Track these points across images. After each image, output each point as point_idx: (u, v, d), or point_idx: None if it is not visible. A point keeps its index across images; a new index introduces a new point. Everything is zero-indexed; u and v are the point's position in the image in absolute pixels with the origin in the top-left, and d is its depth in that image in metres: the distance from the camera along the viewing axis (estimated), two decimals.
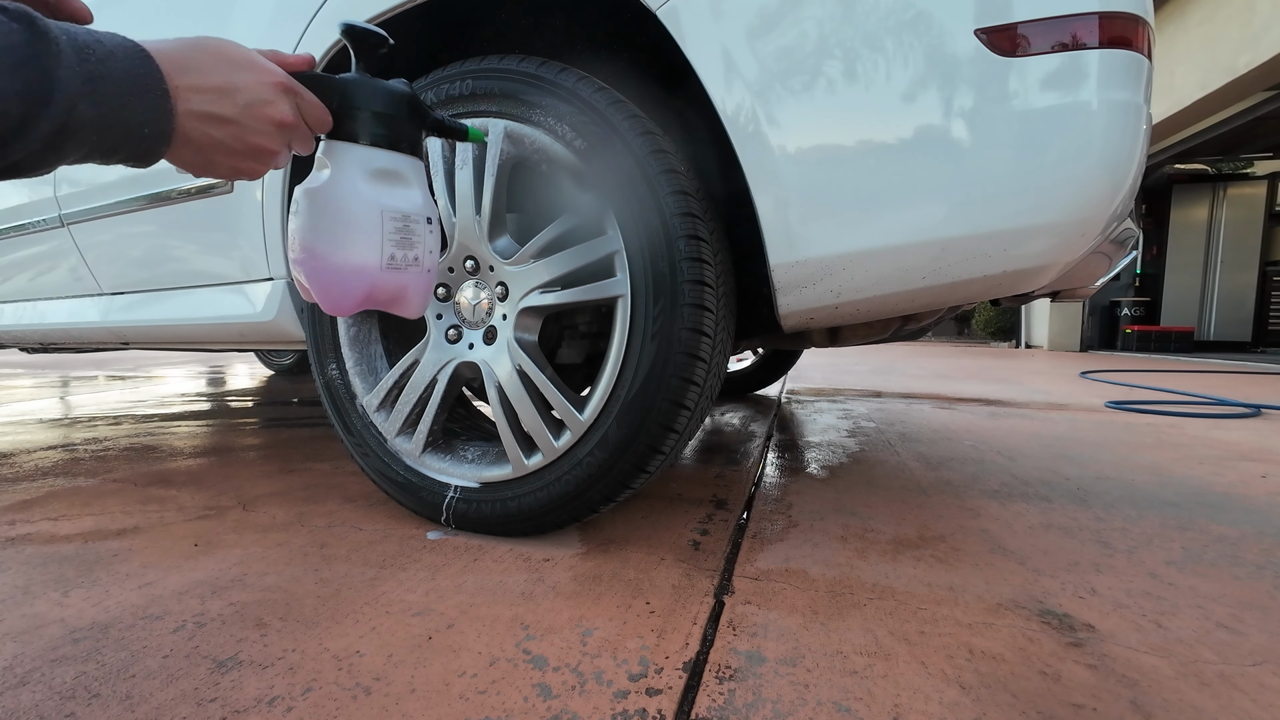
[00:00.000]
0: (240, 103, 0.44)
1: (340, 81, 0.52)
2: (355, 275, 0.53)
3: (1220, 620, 0.63)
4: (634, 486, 0.78)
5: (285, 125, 0.47)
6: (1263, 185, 7.31)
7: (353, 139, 0.52)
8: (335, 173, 0.53)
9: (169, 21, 1.15)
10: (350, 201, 0.52)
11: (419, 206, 0.56)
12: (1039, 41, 0.60)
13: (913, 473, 1.25)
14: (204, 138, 0.43)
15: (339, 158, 0.53)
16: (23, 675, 0.51)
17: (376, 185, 0.53)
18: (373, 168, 0.53)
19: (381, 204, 0.53)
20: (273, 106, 0.46)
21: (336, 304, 0.54)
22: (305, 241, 0.53)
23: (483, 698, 0.49)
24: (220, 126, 0.44)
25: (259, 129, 0.46)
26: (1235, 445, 1.57)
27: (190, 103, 0.42)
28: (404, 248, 0.55)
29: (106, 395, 2.69)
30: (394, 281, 0.55)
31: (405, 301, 0.58)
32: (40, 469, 1.26)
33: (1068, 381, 3.39)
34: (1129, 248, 0.96)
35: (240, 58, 0.45)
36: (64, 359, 5.39)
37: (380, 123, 0.53)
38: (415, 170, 0.57)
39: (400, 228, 0.54)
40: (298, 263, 0.54)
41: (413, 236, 0.56)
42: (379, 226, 0.53)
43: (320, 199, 0.52)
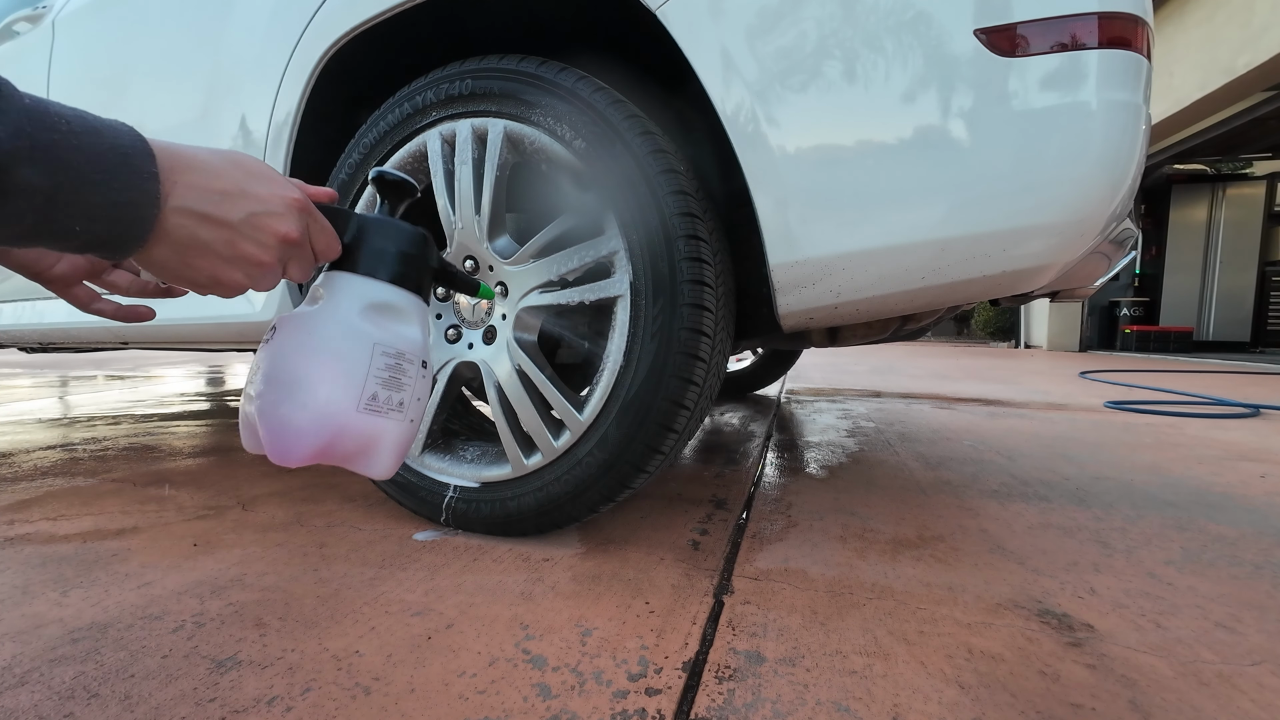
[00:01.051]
0: (244, 210, 0.40)
1: (358, 215, 0.49)
2: (320, 415, 0.45)
3: (1219, 620, 0.63)
4: (633, 486, 0.78)
5: (287, 240, 0.43)
6: (1262, 185, 7.32)
7: (357, 270, 0.48)
8: (329, 300, 0.47)
9: (168, 22, 1.15)
10: (339, 330, 0.46)
11: (416, 347, 0.50)
12: (1038, 42, 0.60)
13: (912, 473, 1.25)
14: (189, 238, 0.39)
15: (338, 286, 0.48)
16: (21, 675, 0.51)
17: (374, 318, 0.48)
18: (373, 300, 0.48)
19: (375, 337, 0.47)
20: (279, 219, 0.42)
21: (286, 449, 0.45)
22: (270, 370, 0.45)
23: (482, 698, 0.49)
24: (212, 229, 0.39)
25: (256, 239, 0.41)
26: (1234, 445, 1.57)
27: (186, 199, 0.38)
28: (390, 387, 0.48)
29: (105, 395, 2.68)
30: (367, 428, 0.47)
31: (375, 454, 0.49)
32: (39, 469, 1.26)
33: (1067, 381, 3.39)
34: (1128, 248, 0.96)
35: (260, 171, 0.42)
36: (63, 359, 5.39)
37: (392, 259, 0.49)
38: (419, 311, 0.52)
39: (391, 365, 0.48)
40: (254, 397, 0.45)
41: (402, 377, 0.49)
42: (366, 360, 0.46)
43: (303, 325, 0.46)
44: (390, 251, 0.49)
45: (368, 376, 0.46)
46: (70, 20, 1.33)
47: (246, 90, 1.04)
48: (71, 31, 1.32)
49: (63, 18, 1.34)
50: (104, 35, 1.26)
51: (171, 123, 1.15)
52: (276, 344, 0.46)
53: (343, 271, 0.48)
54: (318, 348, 0.46)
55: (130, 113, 1.21)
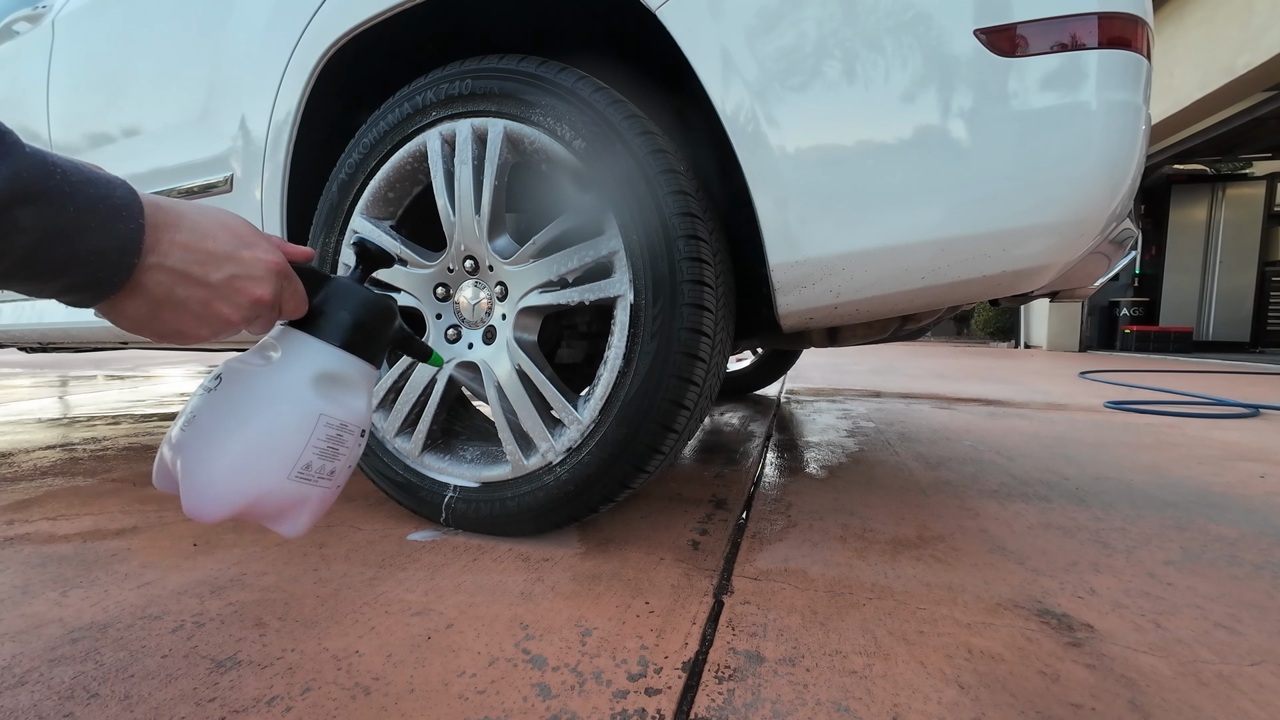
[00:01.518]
0: (225, 272, 0.41)
1: (332, 281, 0.50)
2: (248, 482, 0.44)
3: (1219, 620, 0.63)
4: (633, 486, 0.78)
5: (260, 303, 0.43)
6: (1261, 186, 7.32)
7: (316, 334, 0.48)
8: (285, 361, 0.47)
9: (168, 22, 1.15)
10: (287, 395, 0.46)
11: (359, 417, 0.50)
12: (1038, 42, 0.61)
13: (912, 473, 1.25)
14: (165, 294, 0.39)
15: (295, 347, 0.48)
16: (21, 675, 0.51)
17: (323, 388, 0.48)
18: (326, 369, 0.48)
19: (321, 408, 0.47)
20: (258, 284, 0.42)
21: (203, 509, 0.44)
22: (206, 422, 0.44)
23: (482, 697, 0.49)
24: (190, 287, 0.40)
25: (231, 300, 0.41)
26: (1234, 445, 1.57)
27: (169, 257, 0.38)
28: (325, 457, 0.48)
29: (105, 395, 2.68)
30: (293, 495, 0.47)
31: (294, 518, 0.48)
32: (39, 469, 1.26)
33: (1066, 381, 3.39)
34: (1128, 248, 0.96)
35: (245, 233, 0.43)
36: (62, 358, 5.38)
37: (354, 329, 0.49)
38: (368, 381, 0.52)
39: (332, 436, 0.48)
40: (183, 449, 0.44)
41: (340, 447, 0.49)
42: (309, 431, 0.46)
43: (251, 382, 0.46)
44: (353, 321, 0.49)
45: (306, 446, 0.46)
46: (70, 20, 1.33)
47: (246, 90, 1.03)
48: (71, 31, 1.32)
49: (62, 17, 1.34)
50: (104, 35, 1.26)
51: (171, 122, 1.15)
52: (220, 396, 0.46)
53: (301, 332, 0.48)
54: (262, 410, 0.45)
55: (130, 112, 1.22)
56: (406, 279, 0.88)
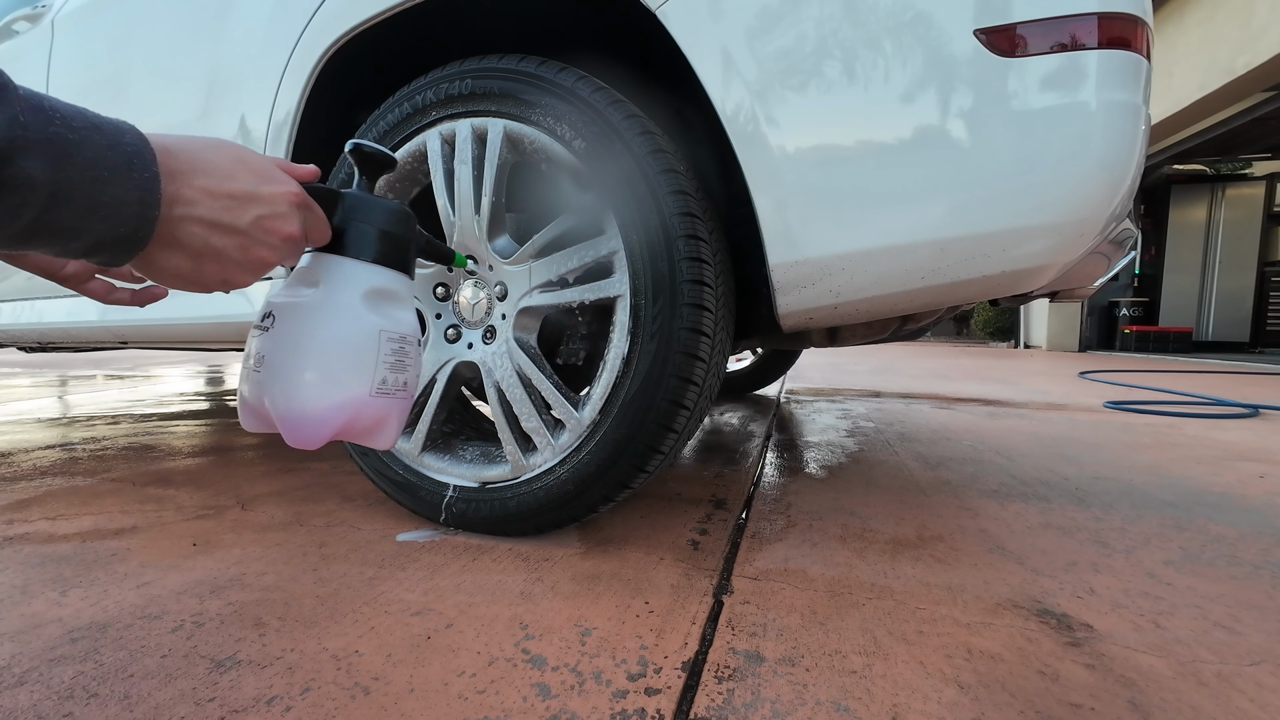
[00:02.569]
0: (253, 214, 0.40)
1: (345, 196, 0.49)
2: (339, 405, 0.47)
3: (1218, 620, 0.63)
4: (633, 486, 0.78)
5: (292, 240, 0.43)
6: (1261, 186, 7.33)
7: (353, 255, 0.49)
8: (329, 289, 0.48)
9: (168, 21, 1.15)
10: (348, 321, 0.47)
11: (414, 329, 0.52)
12: (1038, 42, 0.61)
13: (911, 473, 1.25)
14: (202, 244, 0.39)
15: (334, 274, 0.48)
16: (20, 675, 0.51)
17: (375, 305, 0.49)
18: (371, 286, 0.49)
19: (380, 325, 0.49)
20: (285, 220, 0.42)
21: (308, 435, 0.47)
22: (283, 366, 0.46)
23: (481, 697, 0.49)
24: (225, 235, 0.40)
25: (264, 242, 0.42)
26: (1233, 445, 1.57)
27: (196, 206, 0.38)
28: (397, 371, 0.50)
29: (104, 394, 2.68)
30: (378, 409, 0.50)
31: (383, 430, 0.52)
32: (38, 468, 1.26)
33: (1066, 381, 3.39)
34: (1127, 248, 0.96)
35: (263, 167, 0.42)
36: (62, 358, 5.38)
37: (382, 240, 0.50)
38: (409, 290, 0.53)
39: (396, 349, 0.50)
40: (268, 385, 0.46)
41: (406, 359, 0.51)
42: (375, 349, 0.48)
43: (310, 317, 0.47)
44: (380, 233, 0.50)
45: (377, 363, 0.49)
46: (69, 19, 1.33)
47: (246, 89, 1.03)
48: (71, 31, 1.32)
49: (62, 17, 1.34)
50: (103, 34, 1.26)
51: (171, 121, 1.15)
52: (280, 333, 0.47)
53: (335, 256, 0.49)
54: (329, 338, 0.47)
55: (130, 112, 1.21)
56: None
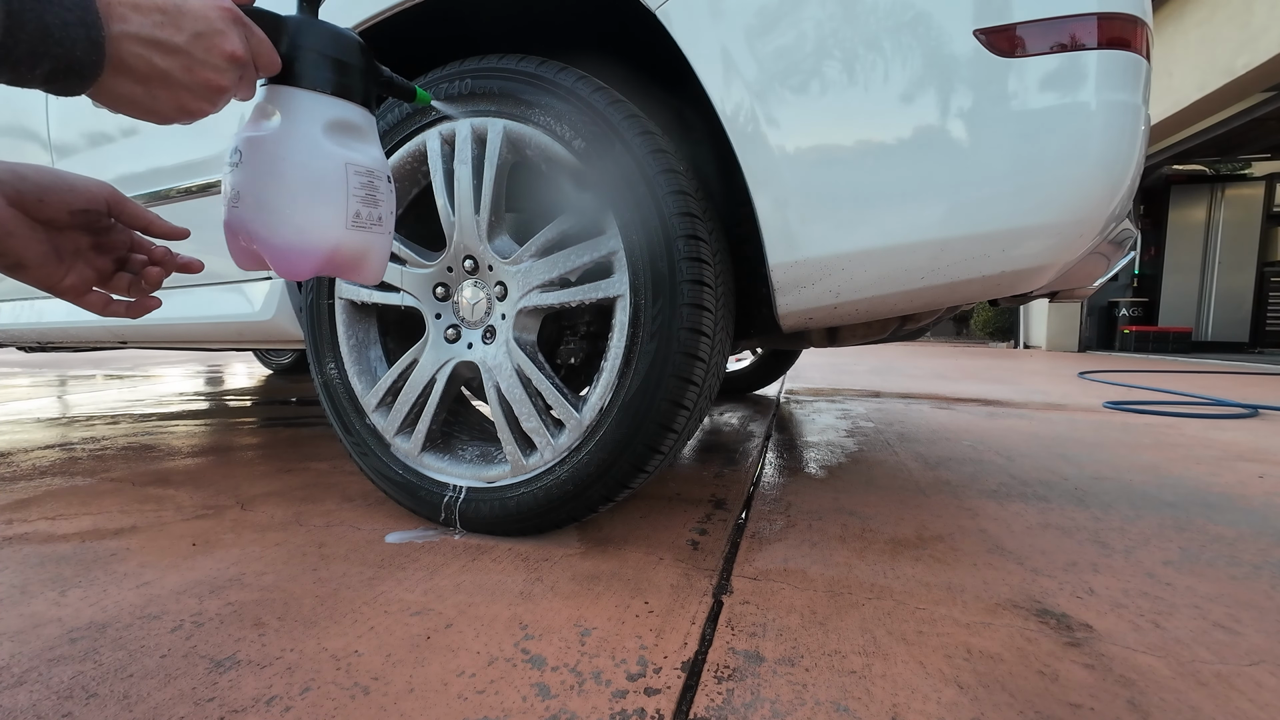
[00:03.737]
0: (188, 30, 0.39)
1: (290, 20, 0.47)
2: (318, 235, 0.48)
3: (1217, 620, 0.63)
4: (633, 486, 0.78)
5: (236, 59, 0.42)
6: (1260, 186, 7.33)
7: (307, 85, 0.47)
8: (289, 121, 0.47)
9: None
10: (311, 153, 0.47)
11: (379, 162, 0.52)
12: (1037, 42, 0.61)
13: (911, 473, 1.25)
14: (147, 67, 0.38)
15: (291, 105, 0.47)
16: (20, 675, 0.51)
17: (336, 137, 0.48)
18: (330, 118, 0.48)
19: (345, 157, 0.48)
20: (224, 37, 0.41)
21: (294, 267, 0.49)
22: (259, 197, 0.47)
23: (481, 697, 0.49)
24: (167, 55, 0.39)
25: (209, 61, 0.41)
26: (1233, 445, 1.57)
27: (128, 23, 0.37)
28: (369, 205, 0.50)
29: (104, 394, 2.68)
30: (357, 242, 0.50)
31: (366, 265, 0.53)
32: (38, 468, 1.26)
33: (1066, 382, 3.39)
34: (1127, 248, 0.96)
35: None
36: (61, 358, 5.38)
37: (336, 70, 0.48)
38: (371, 125, 0.52)
39: (365, 183, 0.50)
40: (247, 221, 0.47)
41: (377, 194, 0.51)
42: (344, 181, 0.48)
43: (274, 149, 0.46)
44: (335, 62, 0.48)
45: (348, 196, 0.49)
46: None
47: None
48: None
49: None
50: None
51: None
52: (250, 168, 0.47)
53: (289, 88, 0.48)
54: (296, 173, 0.47)
55: None
56: (406, 279, 0.88)
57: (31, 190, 0.45)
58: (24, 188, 0.45)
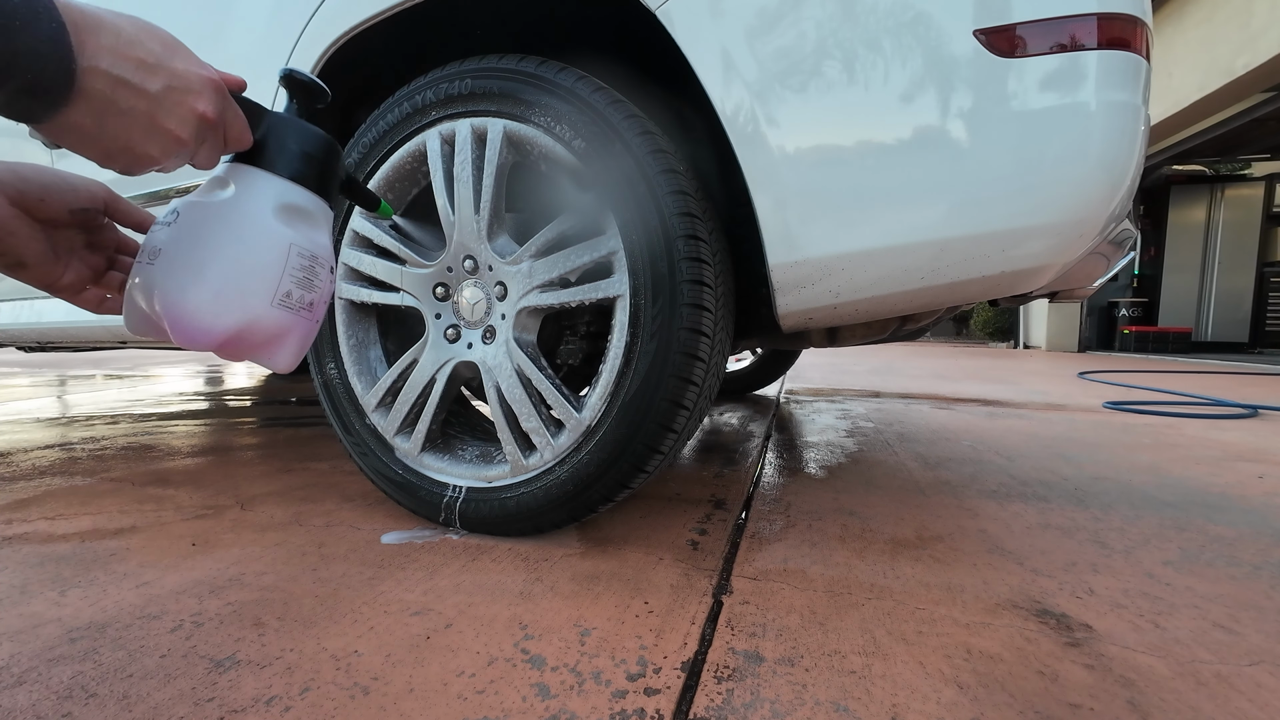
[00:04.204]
0: (162, 82, 0.39)
1: (270, 112, 0.49)
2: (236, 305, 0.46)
3: (1217, 620, 0.63)
4: (633, 486, 0.78)
5: (205, 120, 0.42)
6: (1260, 186, 7.33)
7: (269, 167, 0.48)
8: (242, 193, 0.47)
9: (167, 21, 1.15)
10: (256, 225, 0.46)
11: (327, 253, 0.51)
12: (1037, 42, 0.61)
13: (911, 473, 1.25)
14: (107, 102, 0.37)
15: (250, 181, 0.48)
16: (19, 675, 0.51)
17: (287, 218, 0.48)
18: (286, 201, 0.48)
19: (291, 237, 0.48)
20: (198, 98, 0.41)
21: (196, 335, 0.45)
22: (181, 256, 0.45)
23: (481, 697, 0.49)
24: (131, 96, 0.38)
25: (175, 114, 0.40)
26: (1232, 446, 1.57)
27: (100, 60, 0.36)
28: (304, 288, 0.49)
29: (104, 394, 2.68)
30: (278, 322, 0.48)
31: (281, 348, 0.50)
32: (37, 468, 1.26)
33: (1065, 382, 3.39)
34: (1127, 249, 0.96)
35: (174, 43, 0.41)
36: (61, 358, 5.38)
37: (302, 161, 0.49)
38: (326, 218, 0.52)
39: (305, 266, 0.49)
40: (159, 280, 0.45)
41: (315, 279, 0.50)
42: (283, 258, 0.47)
43: (218, 215, 0.46)
44: (303, 154, 0.49)
45: (284, 274, 0.47)
46: None
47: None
48: None
49: None
50: None
51: None
52: (182, 229, 0.46)
53: (252, 167, 0.48)
54: (234, 239, 0.46)
55: None
56: (406, 279, 0.88)
57: (34, 190, 0.46)
58: (25, 188, 0.45)
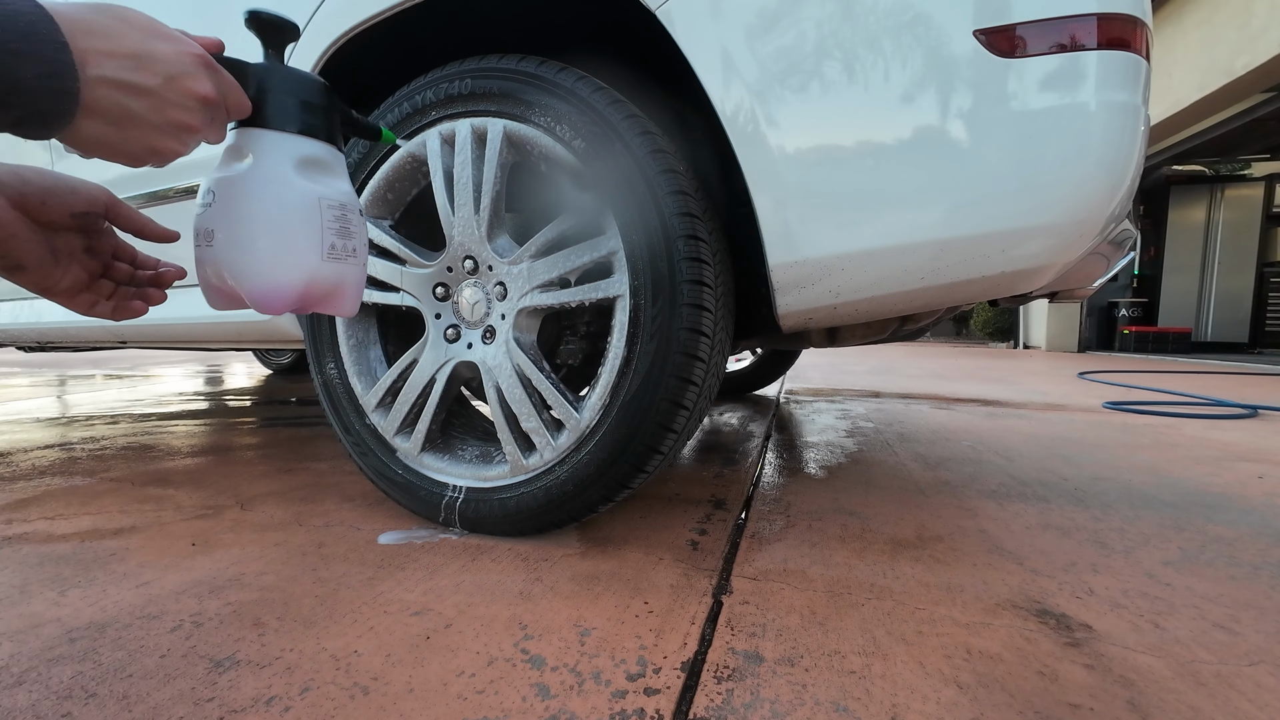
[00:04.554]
0: (160, 73, 0.40)
1: (257, 67, 0.49)
2: (295, 268, 0.50)
3: (1217, 620, 0.63)
4: (632, 486, 0.78)
5: (209, 101, 0.43)
6: (1260, 186, 7.33)
7: (276, 126, 0.49)
8: (261, 160, 0.49)
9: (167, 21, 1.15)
10: (284, 190, 0.49)
11: (350, 196, 0.54)
12: (1037, 42, 0.61)
13: (911, 473, 1.25)
14: (118, 109, 0.39)
15: (262, 145, 0.49)
16: (19, 675, 0.51)
17: (308, 174, 0.50)
18: (301, 156, 0.50)
19: (318, 193, 0.50)
20: (195, 79, 0.42)
21: (272, 302, 0.50)
22: (233, 235, 0.48)
23: (481, 697, 0.49)
24: (138, 97, 0.39)
25: (181, 102, 0.42)
26: (1232, 446, 1.57)
27: (102, 68, 0.37)
28: (343, 236, 0.52)
29: (104, 394, 2.68)
30: (333, 274, 0.52)
31: (341, 297, 0.54)
32: (37, 468, 1.26)
33: (1065, 382, 3.39)
34: (1127, 249, 0.96)
35: (155, 27, 0.41)
36: (61, 357, 5.38)
37: (302, 111, 0.50)
38: (340, 161, 0.54)
39: (339, 216, 0.52)
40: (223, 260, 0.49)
41: (350, 226, 0.53)
42: (318, 215, 0.50)
43: (247, 188, 0.48)
44: (302, 104, 0.50)
45: (323, 229, 0.51)
46: None
47: None
48: None
49: None
50: None
51: None
52: (223, 210, 0.48)
53: (258, 129, 0.49)
54: (270, 210, 0.48)
55: None
56: (406, 279, 0.88)
57: (35, 193, 0.46)
58: (27, 190, 0.45)
